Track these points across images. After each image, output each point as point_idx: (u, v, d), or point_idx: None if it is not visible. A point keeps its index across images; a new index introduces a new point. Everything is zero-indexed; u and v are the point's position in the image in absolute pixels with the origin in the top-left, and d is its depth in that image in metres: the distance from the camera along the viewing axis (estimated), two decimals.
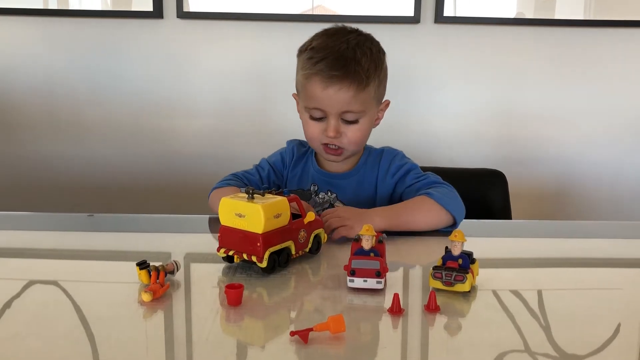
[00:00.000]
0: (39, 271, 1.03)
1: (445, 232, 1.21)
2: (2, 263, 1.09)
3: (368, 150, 1.40)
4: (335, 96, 1.23)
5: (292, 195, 1.02)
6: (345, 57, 1.23)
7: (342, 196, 1.36)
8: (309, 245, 1.05)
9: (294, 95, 1.37)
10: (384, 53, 1.32)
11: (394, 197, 1.35)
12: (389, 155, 1.38)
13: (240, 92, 2.35)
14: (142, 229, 1.31)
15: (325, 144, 1.30)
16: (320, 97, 1.25)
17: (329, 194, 1.37)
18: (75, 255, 1.14)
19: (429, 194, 1.23)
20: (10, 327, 0.78)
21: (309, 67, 1.25)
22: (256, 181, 1.40)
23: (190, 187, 2.40)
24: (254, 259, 0.95)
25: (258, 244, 0.95)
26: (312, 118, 1.29)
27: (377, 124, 1.37)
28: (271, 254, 0.96)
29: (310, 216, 1.03)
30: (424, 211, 1.21)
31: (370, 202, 1.35)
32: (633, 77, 2.33)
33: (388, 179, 1.35)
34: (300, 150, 1.44)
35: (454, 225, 1.22)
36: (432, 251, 1.15)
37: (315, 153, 1.41)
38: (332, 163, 1.38)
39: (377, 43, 1.32)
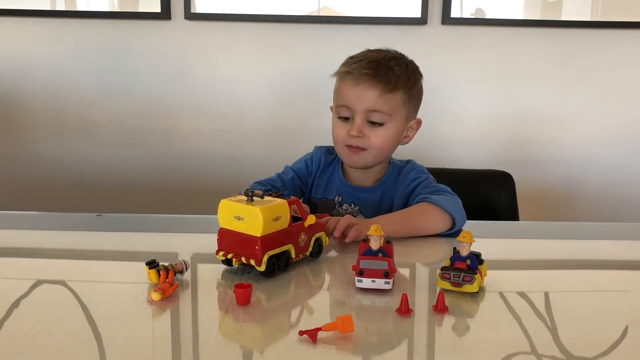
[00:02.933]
0: (47, 271, 1.03)
1: (448, 235, 1.22)
2: (10, 262, 1.10)
3: (393, 165, 1.41)
4: (364, 94, 1.27)
5: (292, 197, 1.01)
6: (379, 62, 1.30)
7: (365, 210, 1.37)
8: (310, 249, 1.04)
9: (331, 108, 1.39)
10: (420, 74, 1.37)
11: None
12: (408, 169, 1.39)
13: (247, 93, 2.36)
14: (150, 229, 1.32)
15: (349, 146, 1.31)
16: (348, 95, 1.29)
17: (352, 206, 1.37)
18: (83, 255, 1.14)
19: (428, 199, 1.23)
20: (18, 326, 0.79)
21: (343, 67, 1.33)
22: (279, 187, 1.39)
23: (198, 187, 2.40)
24: (252, 262, 0.94)
25: (257, 247, 0.93)
26: (340, 118, 1.32)
27: (406, 142, 1.39)
28: (270, 258, 0.94)
29: (311, 219, 1.02)
30: (426, 215, 1.21)
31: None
32: None
33: (401, 190, 1.36)
34: (328, 159, 1.45)
35: (453, 228, 1.22)
36: (440, 252, 1.15)
37: (342, 164, 1.42)
38: (357, 177, 1.40)
39: (415, 65, 1.37)
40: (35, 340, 0.74)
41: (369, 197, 1.38)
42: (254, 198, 0.96)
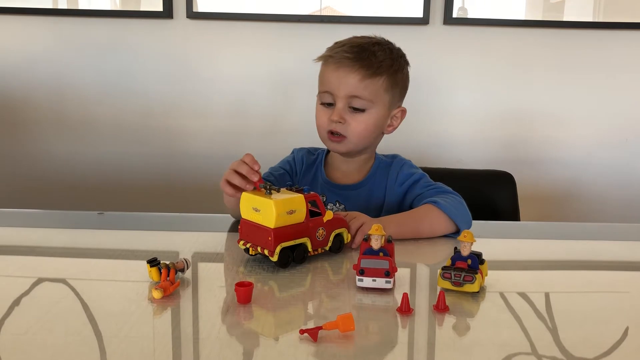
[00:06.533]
0: (48, 269, 1.04)
1: (451, 236, 1.22)
2: (11, 260, 1.09)
3: (378, 160, 1.40)
4: (345, 78, 1.27)
5: (311, 193, 1.03)
6: (362, 46, 1.29)
7: (351, 208, 1.34)
8: (329, 244, 1.05)
9: (317, 96, 1.38)
10: (406, 61, 1.36)
11: (403, 206, 1.34)
12: (397, 165, 1.38)
13: (248, 92, 2.36)
14: (151, 227, 1.32)
15: (330, 132, 1.30)
16: (330, 79, 1.29)
17: (337, 205, 1.36)
18: (84, 253, 1.14)
19: (435, 203, 1.22)
20: (19, 324, 0.79)
21: (327, 51, 1.32)
22: (273, 182, 1.38)
23: (200, 186, 2.40)
24: (266, 252, 0.98)
25: (270, 238, 0.97)
26: (323, 104, 1.31)
27: (390, 131, 1.37)
28: (285, 249, 0.98)
29: (329, 215, 1.04)
30: (429, 219, 1.20)
31: (378, 211, 1.35)
32: None
33: (396, 188, 1.35)
34: (309, 159, 1.43)
35: (458, 232, 1.21)
36: (441, 251, 1.15)
37: (324, 164, 1.41)
38: (342, 173, 1.39)
39: (401, 52, 1.36)
40: (36, 338, 0.74)
41: (354, 195, 1.36)
42: (272, 191, 1.00)
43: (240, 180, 1.05)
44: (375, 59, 1.27)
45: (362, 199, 1.36)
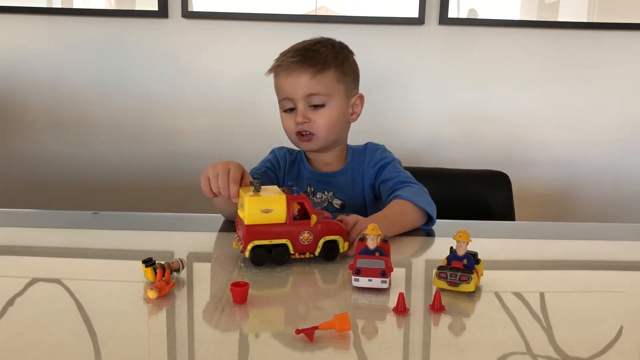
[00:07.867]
0: (42, 269, 1.03)
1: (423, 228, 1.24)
2: (5, 260, 1.09)
3: (352, 149, 1.46)
4: (297, 81, 1.34)
5: (300, 194, 1.02)
6: (305, 48, 1.38)
7: (339, 193, 1.40)
8: (318, 250, 1.02)
9: (279, 104, 1.42)
10: (350, 51, 1.44)
11: (374, 188, 1.41)
12: (371, 149, 1.45)
13: (245, 92, 2.35)
14: (146, 227, 1.32)
15: (299, 133, 1.36)
16: (284, 86, 1.36)
17: (326, 193, 1.40)
18: (79, 253, 1.14)
19: (400, 197, 1.25)
20: (14, 324, 0.78)
21: (274, 62, 1.40)
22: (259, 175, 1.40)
23: (195, 186, 2.38)
24: (240, 247, 1.00)
25: (243, 234, 0.99)
26: (285, 111, 1.38)
27: (354, 119, 1.43)
28: (260, 248, 0.98)
29: (313, 219, 1.01)
30: (405, 214, 1.22)
31: (361, 195, 1.41)
32: (636, 80, 2.33)
33: (370, 169, 1.41)
34: (291, 157, 1.48)
35: (430, 221, 1.25)
36: (437, 251, 1.16)
37: (306, 156, 1.46)
38: (324, 163, 1.44)
39: (343, 44, 1.44)
40: (30, 339, 0.74)
41: (339, 181, 1.42)
42: (260, 189, 1.01)
43: (217, 190, 1.09)
44: (319, 56, 1.35)
45: (347, 184, 1.42)
